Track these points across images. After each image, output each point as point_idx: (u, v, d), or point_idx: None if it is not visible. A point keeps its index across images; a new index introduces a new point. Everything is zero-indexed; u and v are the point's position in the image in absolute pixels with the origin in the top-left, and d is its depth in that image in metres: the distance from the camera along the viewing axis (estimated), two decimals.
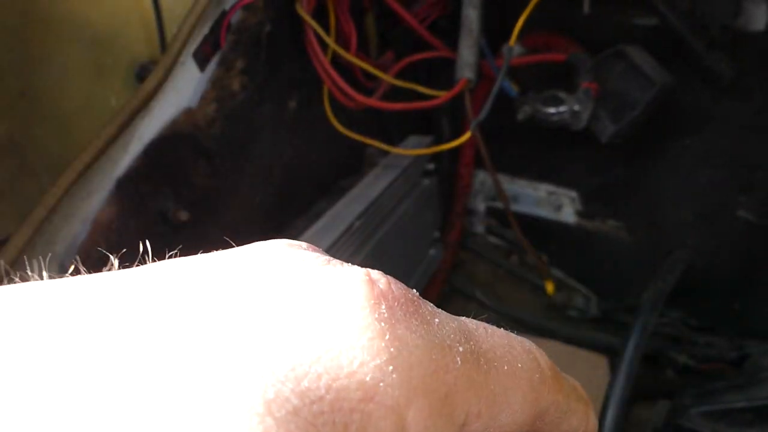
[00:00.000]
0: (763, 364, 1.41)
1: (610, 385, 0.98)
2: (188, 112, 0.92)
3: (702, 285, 1.60)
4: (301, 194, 1.19)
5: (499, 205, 1.86)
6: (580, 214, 1.71)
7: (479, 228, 1.91)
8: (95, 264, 0.73)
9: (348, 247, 1.05)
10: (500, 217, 1.85)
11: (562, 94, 1.31)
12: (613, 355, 1.57)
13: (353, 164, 1.37)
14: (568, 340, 1.56)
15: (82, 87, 1.16)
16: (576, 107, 1.27)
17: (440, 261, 1.58)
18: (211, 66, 0.95)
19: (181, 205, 0.91)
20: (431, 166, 1.37)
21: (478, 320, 0.31)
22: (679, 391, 1.32)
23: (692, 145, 1.46)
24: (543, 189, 1.75)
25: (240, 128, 0.99)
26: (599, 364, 1.54)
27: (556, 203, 1.75)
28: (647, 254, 1.63)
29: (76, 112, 1.15)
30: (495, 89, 1.19)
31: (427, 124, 1.70)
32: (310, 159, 1.21)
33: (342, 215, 1.07)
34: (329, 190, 1.26)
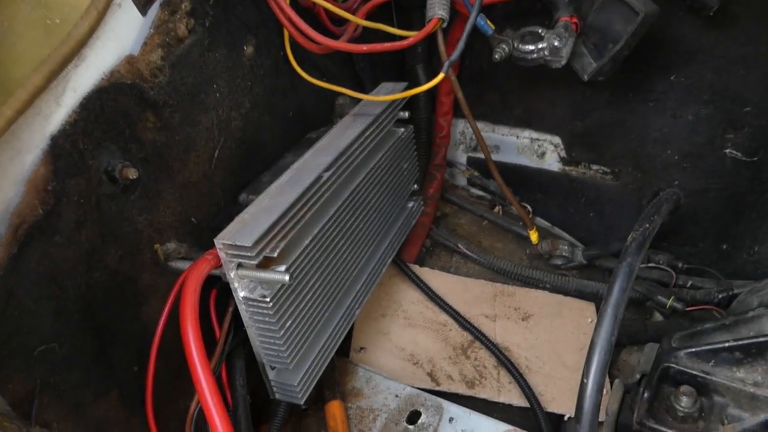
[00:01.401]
0: (750, 302, 1.38)
1: (596, 329, 0.94)
2: (130, 60, 0.84)
3: (689, 227, 1.56)
4: (266, 148, 1.12)
5: (480, 155, 1.80)
6: (564, 160, 1.66)
7: (461, 180, 1.86)
8: (34, 229, 0.65)
9: (318, 199, 0.99)
10: (482, 168, 1.79)
11: (540, 30, 1.23)
12: (600, 302, 1.54)
13: (322, 115, 1.29)
14: (555, 289, 1.53)
15: (28, 48, 1.07)
16: (555, 43, 1.19)
17: (421, 214, 1.52)
18: (154, 8, 0.87)
19: (129, 162, 0.84)
20: (405, 115, 1.30)
21: None
22: (667, 334, 1.29)
23: (678, 81, 1.39)
24: (525, 136, 1.69)
25: (190, 76, 0.92)
26: (587, 311, 1.51)
27: (539, 150, 1.69)
28: (633, 198, 1.58)
29: (26, 74, 1.07)
30: (469, 25, 1.11)
31: (401, 73, 1.62)
32: (273, 110, 1.13)
33: (309, 167, 1.01)
34: (297, 143, 1.19)
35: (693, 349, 1.21)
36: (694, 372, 1.18)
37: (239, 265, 0.87)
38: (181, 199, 0.93)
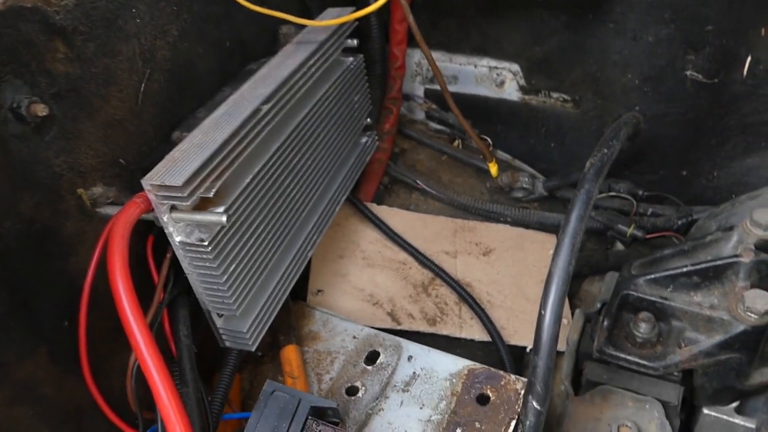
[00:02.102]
0: (708, 227, 1.37)
1: (553, 260, 0.91)
2: None
3: (650, 153, 1.53)
4: (200, 82, 1.03)
5: (438, 87, 1.73)
6: (523, 89, 1.60)
7: (419, 114, 1.79)
8: None
9: (257, 134, 0.92)
10: (440, 100, 1.72)
11: None
12: None
13: (265, 46, 1.20)
14: (516, 223, 1.50)
15: None
16: None
17: (377, 150, 1.46)
18: None
19: (38, 98, 0.75)
20: (354, 42, 1.21)
21: None
22: (627, 262, 1.28)
23: (638, 0, 1.33)
24: (483, 65, 1.62)
25: None
26: (548, 243, 1.49)
27: (498, 79, 1.62)
28: (594, 126, 1.54)
29: None
30: None
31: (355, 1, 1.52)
32: (206, 39, 1.03)
33: (247, 100, 0.93)
34: (236, 75, 1.10)
35: (652, 276, 1.20)
36: (653, 298, 1.17)
37: (172, 208, 0.80)
38: (105, 139, 0.85)
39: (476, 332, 1.27)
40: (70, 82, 0.79)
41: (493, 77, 1.62)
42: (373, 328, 1.17)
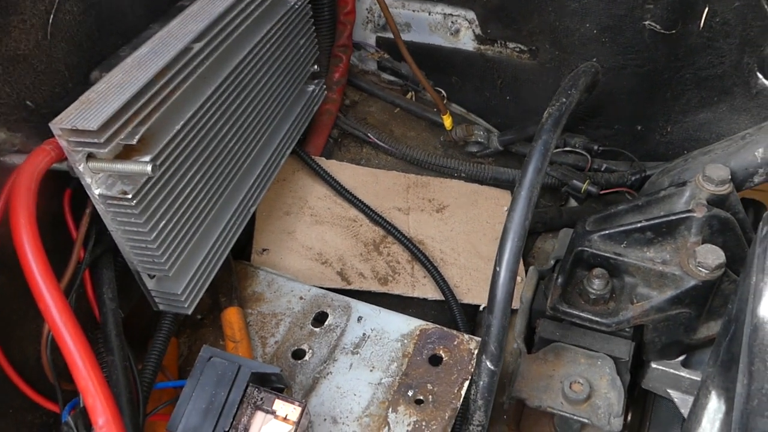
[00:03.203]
0: (661, 183, 1.36)
1: (509, 214, 0.86)
2: None
3: (606, 107, 1.50)
4: (125, 17, 0.92)
5: (390, 35, 1.64)
6: (479, 38, 1.53)
7: (371, 64, 1.70)
8: None
9: (188, 76, 0.82)
10: (393, 49, 1.64)
11: None
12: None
13: None
14: (470, 178, 1.45)
15: None
16: None
17: (326, 101, 1.37)
18: None
19: None
20: None
21: None
22: (582, 218, 1.26)
23: None
24: (438, 11, 1.53)
25: None
26: (502, 199, 1.45)
27: (452, 28, 1.54)
28: (551, 79, 1.49)
29: None
30: None
31: None
32: None
33: (175, 37, 0.83)
34: (166, 12, 0.99)
35: (606, 232, 1.18)
36: (607, 254, 1.16)
37: (89, 156, 0.71)
38: (7, 77, 0.74)
39: (429, 291, 1.23)
40: None
41: (448, 25, 1.54)
42: (321, 288, 1.12)
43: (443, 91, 1.60)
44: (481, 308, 1.26)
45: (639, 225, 1.16)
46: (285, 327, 1.00)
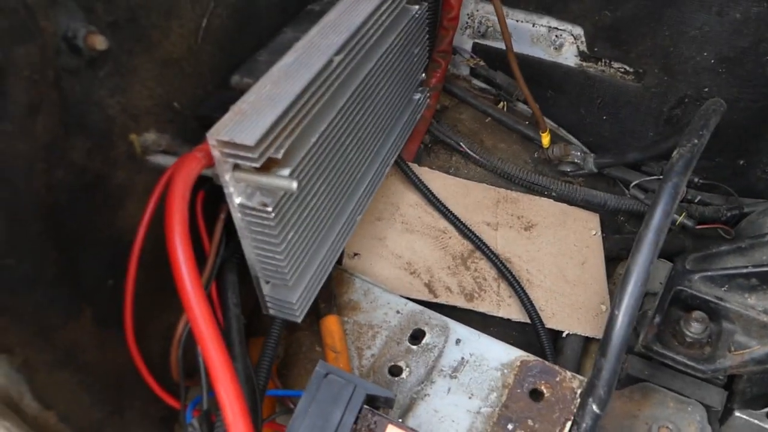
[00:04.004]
0: (763, 224, 1.32)
1: (633, 256, 0.84)
2: None
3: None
4: (261, 19, 0.92)
5: (489, 42, 1.61)
6: (582, 55, 1.49)
7: (462, 69, 1.67)
8: None
9: (328, 89, 0.82)
10: (489, 57, 1.61)
11: None
12: (605, 213, 1.46)
13: None
14: (560, 198, 1.42)
15: None
16: None
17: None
18: None
19: (95, 27, 0.64)
20: None
21: None
22: (681, 255, 1.22)
23: None
24: (543, 24, 1.50)
25: None
26: (591, 222, 1.42)
27: (556, 42, 1.51)
28: (654, 104, 1.45)
29: None
30: None
31: None
32: None
33: (318, 48, 0.82)
34: (297, 15, 0.99)
35: (708, 273, 1.15)
36: (707, 297, 1.13)
37: (236, 167, 0.72)
38: (161, 79, 0.75)
39: (514, 312, 1.22)
40: (130, 10, 0.69)
41: (552, 39, 1.51)
42: (409, 299, 1.11)
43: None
44: (564, 334, 1.24)
45: (745, 271, 1.12)
46: (382, 340, 1.01)
